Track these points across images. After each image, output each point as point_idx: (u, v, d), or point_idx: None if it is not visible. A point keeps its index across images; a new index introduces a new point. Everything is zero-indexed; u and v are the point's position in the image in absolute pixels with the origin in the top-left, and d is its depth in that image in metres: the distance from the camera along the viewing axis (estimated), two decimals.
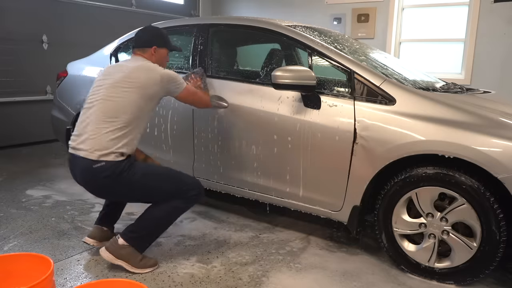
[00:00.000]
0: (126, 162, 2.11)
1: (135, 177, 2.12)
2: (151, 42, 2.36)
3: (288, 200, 2.59)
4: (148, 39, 2.37)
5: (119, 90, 2.15)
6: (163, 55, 2.42)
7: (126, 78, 2.17)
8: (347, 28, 6.11)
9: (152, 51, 2.36)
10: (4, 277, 1.72)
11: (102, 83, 2.23)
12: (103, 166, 2.05)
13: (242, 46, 3.60)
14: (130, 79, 2.17)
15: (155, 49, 2.36)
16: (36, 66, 5.02)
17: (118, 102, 2.13)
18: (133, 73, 2.19)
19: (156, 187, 2.17)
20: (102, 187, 2.14)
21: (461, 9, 5.40)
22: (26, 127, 5.05)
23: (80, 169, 2.12)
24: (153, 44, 2.36)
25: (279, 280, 2.16)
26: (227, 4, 7.23)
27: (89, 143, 2.08)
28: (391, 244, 2.27)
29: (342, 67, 2.41)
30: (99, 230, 2.40)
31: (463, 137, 1.99)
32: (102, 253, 2.15)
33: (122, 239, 2.16)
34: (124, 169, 2.09)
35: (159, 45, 2.38)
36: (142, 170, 2.17)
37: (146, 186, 2.15)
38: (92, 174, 2.08)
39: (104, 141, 2.07)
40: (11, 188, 3.49)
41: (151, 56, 2.36)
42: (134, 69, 2.21)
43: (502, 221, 1.95)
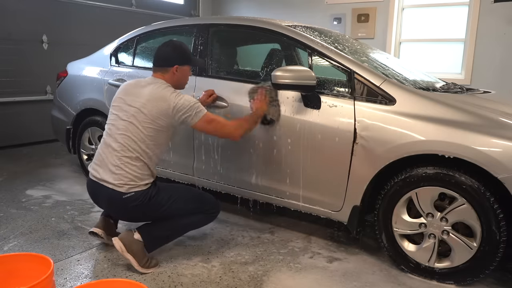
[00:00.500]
0: (153, 189, 2.21)
1: (162, 201, 2.21)
2: (173, 61, 2.28)
3: (288, 200, 2.59)
4: (169, 57, 2.29)
5: (136, 123, 2.16)
6: (185, 73, 2.35)
7: (140, 112, 2.17)
8: (347, 28, 6.11)
9: (174, 70, 2.28)
10: (4, 277, 1.72)
11: (119, 113, 2.23)
12: (133, 196, 2.14)
13: (242, 46, 3.60)
14: (144, 113, 2.17)
15: (177, 68, 2.28)
16: (36, 66, 5.02)
17: (136, 136, 2.16)
18: (146, 106, 2.17)
19: (181, 207, 2.27)
20: (131, 214, 2.23)
21: (461, 9, 5.40)
22: (26, 127, 5.05)
23: (108, 199, 2.20)
24: (175, 63, 2.28)
25: (279, 280, 2.16)
26: (227, 4, 7.23)
27: (115, 177, 2.14)
28: (391, 244, 2.27)
29: (342, 67, 2.41)
30: (107, 222, 2.43)
31: (463, 137, 1.99)
32: (114, 242, 2.15)
33: (139, 234, 2.19)
34: (152, 195, 2.19)
35: (181, 63, 2.30)
36: (168, 193, 2.25)
37: (172, 207, 2.24)
38: (121, 204, 2.16)
39: (130, 174, 2.14)
40: (11, 188, 3.49)
41: (173, 76, 2.29)
42: (147, 101, 2.18)
43: (502, 221, 1.95)
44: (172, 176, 3.12)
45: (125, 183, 2.13)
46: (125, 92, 2.29)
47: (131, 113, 2.19)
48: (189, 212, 2.28)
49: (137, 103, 2.20)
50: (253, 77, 2.82)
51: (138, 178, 2.16)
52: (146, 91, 2.22)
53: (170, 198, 2.23)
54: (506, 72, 5.06)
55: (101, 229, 2.38)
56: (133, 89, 2.28)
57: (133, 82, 2.34)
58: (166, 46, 2.36)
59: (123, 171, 2.14)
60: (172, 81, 2.30)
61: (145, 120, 2.17)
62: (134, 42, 3.42)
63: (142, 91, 2.23)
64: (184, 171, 3.03)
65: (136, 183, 2.15)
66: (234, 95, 2.69)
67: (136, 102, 2.20)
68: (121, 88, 2.35)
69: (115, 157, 2.16)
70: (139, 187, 2.16)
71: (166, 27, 3.34)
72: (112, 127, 2.23)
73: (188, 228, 2.38)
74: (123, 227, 2.64)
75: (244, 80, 2.82)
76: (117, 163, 2.15)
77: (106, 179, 2.16)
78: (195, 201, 2.31)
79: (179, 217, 2.27)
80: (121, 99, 2.27)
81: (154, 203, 2.19)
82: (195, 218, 2.32)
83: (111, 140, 2.21)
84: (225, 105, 2.69)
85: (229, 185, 2.83)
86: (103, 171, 2.18)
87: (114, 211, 2.32)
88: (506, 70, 5.06)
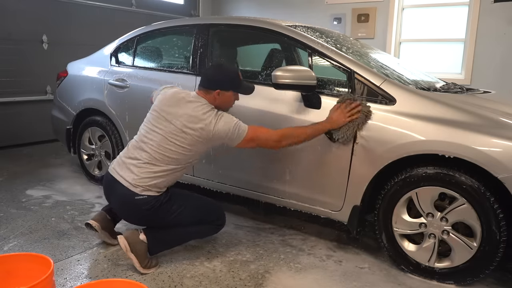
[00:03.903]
0: (165, 196, 2.22)
1: (172, 208, 2.22)
2: (217, 85, 2.22)
3: (288, 200, 2.59)
4: (214, 81, 2.23)
5: (173, 144, 2.15)
6: (228, 98, 2.28)
7: (179, 132, 2.14)
8: (347, 28, 6.11)
9: (216, 95, 2.22)
10: (4, 277, 1.72)
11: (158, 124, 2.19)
12: (145, 199, 2.15)
13: (242, 46, 3.60)
14: (183, 135, 2.14)
15: (219, 92, 2.22)
16: (36, 66, 5.02)
17: (170, 154, 2.16)
18: (186, 127, 2.13)
19: (189, 216, 2.27)
20: (140, 216, 2.22)
21: (461, 9, 5.40)
22: (26, 127, 5.05)
23: (121, 197, 2.20)
24: (218, 88, 2.21)
25: (279, 280, 2.16)
26: (227, 4, 7.23)
27: (134, 177, 2.15)
28: (391, 244, 2.27)
29: (342, 67, 2.41)
30: (104, 217, 2.43)
31: (463, 137, 1.99)
32: (120, 240, 2.16)
33: (144, 235, 2.19)
34: (163, 202, 2.20)
35: (224, 88, 2.23)
36: (178, 201, 2.26)
37: (181, 215, 2.24)
38: (133, 205, 2.16)
39: (149, 179, 2.15)
40: (11, 188, 3.49)
41: (214, 100, 2.23)
42: (188, 122, 2.13)
43: (502, 221, 1.95)
44: None
45: (139, 185, 2.14)
46: (169, 104, 2.22)
47: (170, 130, 2.15)
48: (196, 221, 2.29)
49: (177, 122, 2.15)
50: (254, 77, 2.82)
51: (154, 186, 2.17)
52: (189, 109, 2.16)
53: (180, 206, 2.24)
54: (506, 72, 5.06)
55: (96, 222, 2.38)
56: (177, 103, 2.21)
57: (178, 95, 2.25)
58: (214, 67, 2.36)
59: (142, 177, 2.15)
60: (214, 104, 2.24)
61: (183, 141, 2.14)
62: (134, 42, 3.42)
63: (185, 108, 2.17)
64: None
65: (151, 188, 2.16)
66: None
67: (177, 120, 2.15)
68: (165, 98, 2.26)
69: (141, 160, 2.17)
70: (152, 191, 2.17)
71: (166, 27, 3.34)
72: (148, 135, 2.21)
73: (193, 237, 2.40)
74: (122, 227, 2.64)
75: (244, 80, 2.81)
76: (140, 165, 2.16)
77: (124, 176, 2.17)
78: (203, 211, 2.32)
79: (186, 225, 2.28)
80: (162, 110, 2.21)
81: (164, 210, 2.19)
82: (201, 228, 2.33)
83: (143, 146, 2.19)
84: None
85: (229, 185, 2.83)
86: (125, 167, 2.20)
87: (124, 211, 2.29)
88: (506, 70, 5.06)
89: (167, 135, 2.16)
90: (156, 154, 2.16)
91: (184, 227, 2.28)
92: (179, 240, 2.35)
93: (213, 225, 2.36)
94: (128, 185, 2.15)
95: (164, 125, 2.18)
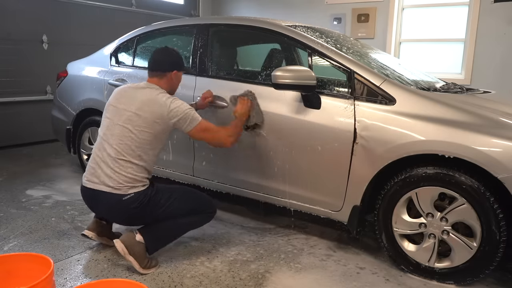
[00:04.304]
0: (151, 190, 2.23)
1: (161, 201, 2.23)
2: (173, 66, 2.34)
3: (288, 200, 2.59)
4: (170, 62, 2.34)
5: (131, 128, 2.18)
6: (180, 78, 2.42)
7: (135, 116, 2.18)
8: (347, 28, 6.11)
9: (172, 76, 2.33)
10: (4, 277, 1.72)
11: (114, 117, 2.23)
12: (132, 197, 2.15)
13: (242, 46, 3.60)
14: (140, 118, 2.18)
15: (175, 73, 2.35)
16: (36, 66, 5.02)
17: (132, 141, 2.18)
18: (141, 110, 2.19)
19: (180, 207, 2.28)
20: (131, 216, 2.22)
21: (461, 9, 5.40)
22: (26, 127, 5.05)
23: (107, 204, 2.19)
24: (175, 68, 2.34)
25: (280, 280, 2.16)
26: (227, 4, 7.23)
27: (112, 180, 2.15)
28: (391, 244, 2.27)
29: (342, 67, 2.41)
30: (98, 224, 2.42)
31: (463, 137, 1.99)
32: (116, 245, 2.15)
33: (140, 235, 2.19)
34: (151, 195, 2.21)
35: (179, 69, 2.37)
36: (166, 194, 2.27)
37: (171, 207, 2.26)
38: (122, 207, 2.16)
39: (127, 177, 2.15)
40: (11, 188, 3.49)
41: (170, 81, 2.34)
42: (143, 105, 2.20)
43: (502, 221, 1.95)
44: (172, 176, 3.12)
45: (123, 185, 2.14)
46: (120, 96, 2.30)
47: (126, 117, 2.20)
48: (187, 212, 2.29)
49: (132, 107, 2.20)
50: (253, 77, 2.82)
51: (135, 180, 2.17)
52: (142, 95, 2.24)
53: (169, 198, 2.25)
54: (506, 72, 5.06)
55: (92, 231, 2.38)
56: (128, 93, 2.29)
57: (127, 87, 2.36)
58: (164, 51, 2.42)
59: (119, 174, 2.15)
60: (168, 86, 2.34)
61: (141, 124, 2.18)
62: (134, 42, 3.42)
63: (137, 95, 2.25)
64: (184, 171, 3.03)
65: (133, 185, 2.16)
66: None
67: (131, 106, 2.21)
68: (115, 93, 2.35)
69: (111, 162, 2.17)
70: (137, 188, 2.17)
71: (166, 27, 3.34)
72: (107, 132, 2.23)
73: (188, 228, 2.38)
74: (120, 228, 2.64)
75: (244, 80, 2.82)
76: (113, 167, 2.16)
77: (103, 183, 2.16)
78: (192, 201, 2.33)
79: (178, 217, 2.27)
80: (115, 104, 2.28)
81: (153, 204, 2.20)
82: (194, 218, 2.34)
83: (106, 145, 2.21)
84: (225, 105, 2.69)
85: (229, 185, 2.83)
86: (99, 177, 2.18)
87: (114, 216, 2.31)
88: (506, 70, 5.06)
89: (125, 124, 2.19)
90: (120, 147, 2.17)
91: (177, 220, 2.27)
92: (175, 233, 2.34)
93: (205, 214, 2.36)
94: (111, 190, 2.14)
95: (121, 114, 2.22)
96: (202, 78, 2.89)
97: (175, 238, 2.38)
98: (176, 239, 2.39)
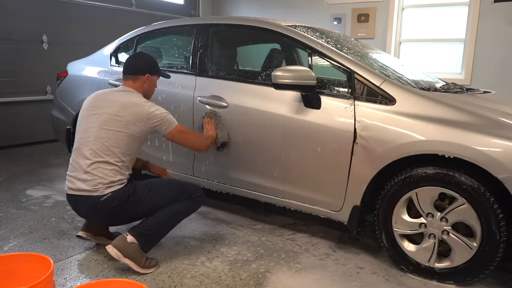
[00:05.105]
0: (129, 186, 2.22)
1: (142, 195, 2.22)
2: (145, 70, 2.36)
3: (288, 200, 2.59)
4: (142, 66, 2.37)
5: (108, 130, 2.19)
6: (154, 82, 2.45)
7: (114, 117, 2.20)
8: (347, 28, 6.11)
9: (145, 79, 2.36)
10: (4, 277, 1.72)
11: (91, 120, 2.24)
12: (110, 196, 2.15)
13: (242, 46, 3.60)
14: (118, 119, 2.20)
15: (148, 77, 2.37)
16: (36, 66, 5.02)
17: (109, 142, 2.18)
18: (120, 111, 2.21)
19: (162, 196, 2.26)
20: (114, 216, 2.22)
21: (461, 9, 5.40)
22: (26, 127, 5.05)
23: (88, 207, 2.20)
24: (147, 72, 2.36)
25: (280, 280, 2.16)
26: (227, 4, 7.23)
27: (88, 183, 2.15)
28: (391, 244, 2.27)
29: (342, 67, 2.41)
30: (92, 224, 2.41)
31: (463, 137, 1.99)
32: (109, 250, 2.14)
33: (131, 235, 2.17)
34: (130, 192, 2.20)
35: (152, 73, 2.40)
36: (146, 187, 2.26)
37: (153, 198, 2.24)
38: (101, 208, 2.16)
39: (101, 178, 2.15)
40: (11, 188, 3.49)
41: (143, 84, 2.37)
42: (122, 107, 2.22)
43: (502, 221, 1.95)
44: (172, 176, 3.11)
45: (99, 187, 2.13)
46: (96, 99, 2.32)
47: (104, 119, 2.20)
48: (171, 200, 2.26)
49: (110, 109, 2.22)
50: (253, 77, 2.82)
51: (111, 181, 2.16)
52: (120, 97, 2.27)
53: (150, 191, 2.24)
54: (506, 72, 5.06)
55: (86, 231, 2.38)
56: (105, 96, 2.32)
57: (102, 92, 2.39)
58: (138, 55, 2.49)
59: (95, 176, 2.14)
60: (142, 89, 2.37)
61: (120, 125, 2.19)
62: (134, 42, 3.42)
63: (115, 97, 2.27)
64: (184, 171, 3.03)
65: (109, 185, 2.15)
66: (234, 95, 2.69)
67: (109, 108, 2.22)
68: (91, 97, 2.36)
69: (86, 164, 2.16)
70: (113, 187, 2.16)
71: (166, 27, 3.34)
72: (84, 135, 2.23)
73: (178, 217, 2.32)
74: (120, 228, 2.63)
75: (244, 80, 2.82)
76: (89, 170, 2.15)
77: (80, 187, 2.16)
78: (175, 189, 2.30)
79: (164, 208, 2.24)
80: (91, 107, 2.29)
81: (134, 200, 2.19)
82: (181, 205, 2.29)
83: (83, 148, 2.20)
84: (225, 105, 2.69)
85: (229, 185, 2.83)
86: (77, 181, 2.18)
87: (97, 218, 2.30)
88: (506, 70, 5.06)
89: (102, 125, 2.19)
90: (98, 147, 2.16)
91: (164, 210, 2.23)
92: (166, 226, 2.29)
93: (191, 199, 2.32)
94: (88, 193, 2.14)
95: (97, 117, 2.23)
96: (202, 78, 2.89)
97: (167, 231, 2.33)
98: (168, 232, 2.33)
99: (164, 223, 2.27)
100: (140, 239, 2.18)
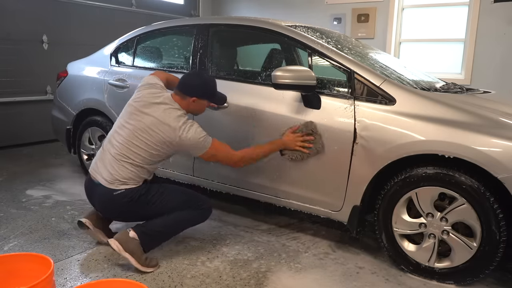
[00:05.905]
0: (143, 187, 2.27)
1: (153, 197, 2.26)
2: (193, 92, 2.30)
3: (288, 200, 2.59)
4: (192, 88, 2.30)
5: (139, 139, 2.21)
6: (202, 106, 2.38)
7: (147, 129, 2.20)
8: (347, 28, 6.11)
9: (191, 101, 2.30)
10: (4, 277, 1.72)
11: (130, 118, 2.25)
12: (123, 192, 2.20)
13: (242, 46, 3.60)
14: (150, 133, 2.20)
15: (195, 100, 2.31)
16: (36, 66, 5.02)
17: (137, 149, 2.21)
18: (154, 127, 2.20)
19: (173, 200, 2.29)
20: (122, 211, 2.26)
21: (461, 9, 5.40)
22: (26, 127, 5.05)
23: (100, 196, 2.27)
24: (195, 95, 2.30)
25: (280, 280, 2.16)
26: (227, 4, 7.23)
27: (109, 174, 2.21)
28: (391, 244, 2.27)
29: (342, 67, 2.41)
30: (96, 215, 2.44)
31: (463, 137, 1.99)
32: (111, 242, 2.17)
33: (134, 232, 2.20)
34: (142, 193, 2.24)
35: (200, 97, 2.32)
36: (158, 190, 2.29)
37: (164, 201, 2.28)
38: (112, 201, 2.22)
39: (124, 174, 2.21)
40: (11, 188, 3.49)
41: (188, 105, 2.31)
42: (157, 124, 2.19)
43: (502, 221, 1.95)
44: (172, 176, 3.12)
45: (117, 181, 2.20)
46: (143, 103, 2.27)
47: (139, 126, 2.22)
48: (179, 207, 2.29)
49: (147, 119, 2.21)
50: (253, 77, 2.82)
51: (130, 178, 2.22)
52: (160, 111, 2.22)
53: (162, 194, 2.28)
54: (506, 72, 5.06)
55: (88, 219, 2.41)
56: (150, 100, 2.27)
57: (152, 94, 2.31)
58: (195, 75, 2.44)
59: (116, 171, 2.21)
60: (187, 108, 2.32)
61: (149, 138, 2.20)
62: (134, 42, 3.42)
63: (157, 109, 2.23)
64: (184, 171, 3.03)
65: (126, 182, 2.21)
66: (234, 95, 2.69)
67: (147, 119, 2.22)
68: (140, 94, 2.33)
69: (113, 159, 2.23)
70: (128, 185, 2.22)
71: (166, 27, 3.34)
72: (119, 130, 2.27)
73: (182, 225, 2.35)
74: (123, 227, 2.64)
75: (244, 80, 2.82)
76: (113, 164, 2.22)
77: (101, 176, 2.24)
78: (184, 197, 2.34)
79: (171, 213, 2.27)
80: (136, 108, 2.27)
81: (144, 200, 2.23)
82: (187, 214, 2.31)
83: (114, 141, 2.27)
84: (225, 105, 2.69)
85: (229, 185, 2.83)
86: (100, 169, 2.26)
87: (106, 209, 2.32)
88: (506, 70, 5.06)
89: (135, 131, 2.21)
90: (124, 149, 2.21)
91: (171, 216, 2.26)
92: (169, 231, 2.32)
93: (199, 209, 2.34)
94: (106, 183, 2.21)
95: (135, 121, 2.24)
96: None
97: (170, 236, 2.36)
98: (170, 237, 2.37)
99: (168, 228, 2.30)
100: (142, 237, 2.20)
